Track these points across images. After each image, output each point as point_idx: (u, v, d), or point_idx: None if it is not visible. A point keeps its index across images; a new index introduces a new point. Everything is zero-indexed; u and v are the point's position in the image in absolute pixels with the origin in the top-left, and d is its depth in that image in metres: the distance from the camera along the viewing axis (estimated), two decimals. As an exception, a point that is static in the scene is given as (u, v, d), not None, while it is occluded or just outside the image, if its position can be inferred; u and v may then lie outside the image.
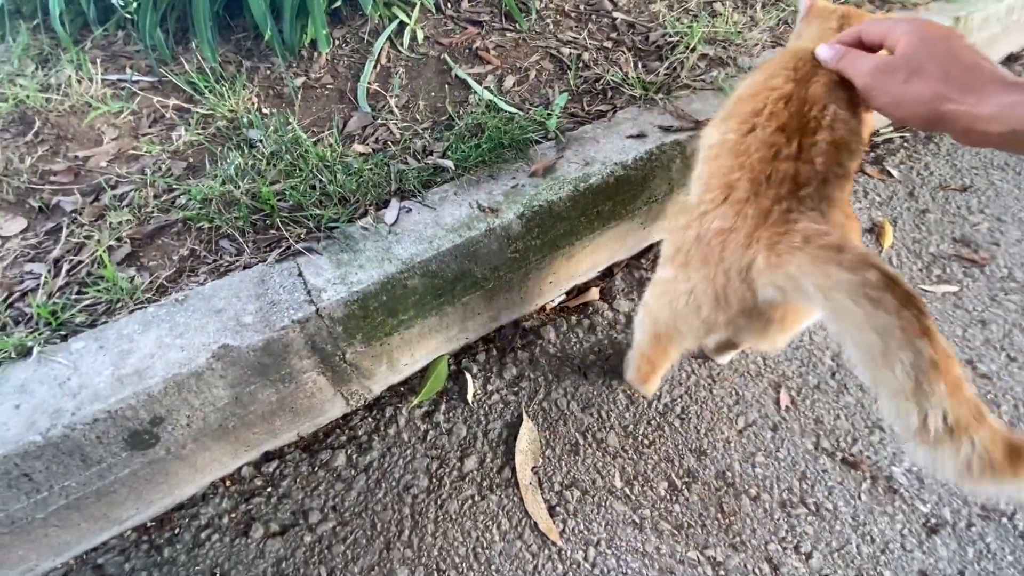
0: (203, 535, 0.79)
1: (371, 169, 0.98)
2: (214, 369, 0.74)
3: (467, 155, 0.99)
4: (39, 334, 0.76)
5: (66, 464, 0.69)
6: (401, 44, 1.27)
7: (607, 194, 1.00)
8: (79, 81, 1.17)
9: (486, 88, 1.17)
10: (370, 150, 1.05)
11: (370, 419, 0.92)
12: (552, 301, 1.10)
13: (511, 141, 1.02)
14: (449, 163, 0.98)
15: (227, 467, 0.85)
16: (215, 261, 0.87)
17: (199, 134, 1.07)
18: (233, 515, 0.81)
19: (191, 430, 0.76)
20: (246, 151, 1.02)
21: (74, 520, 0.75)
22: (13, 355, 0.74)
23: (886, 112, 0.52)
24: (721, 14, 1.33)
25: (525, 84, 1.20)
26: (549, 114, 1.08)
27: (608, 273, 1.14)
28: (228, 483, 0.84)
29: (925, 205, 1.27)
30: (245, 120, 1.09)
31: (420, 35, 1.28)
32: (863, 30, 0.55)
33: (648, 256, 1.18)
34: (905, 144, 1.45)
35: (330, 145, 1.03)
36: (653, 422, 0.91)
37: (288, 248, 0.86)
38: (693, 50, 1.22)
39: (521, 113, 1.09)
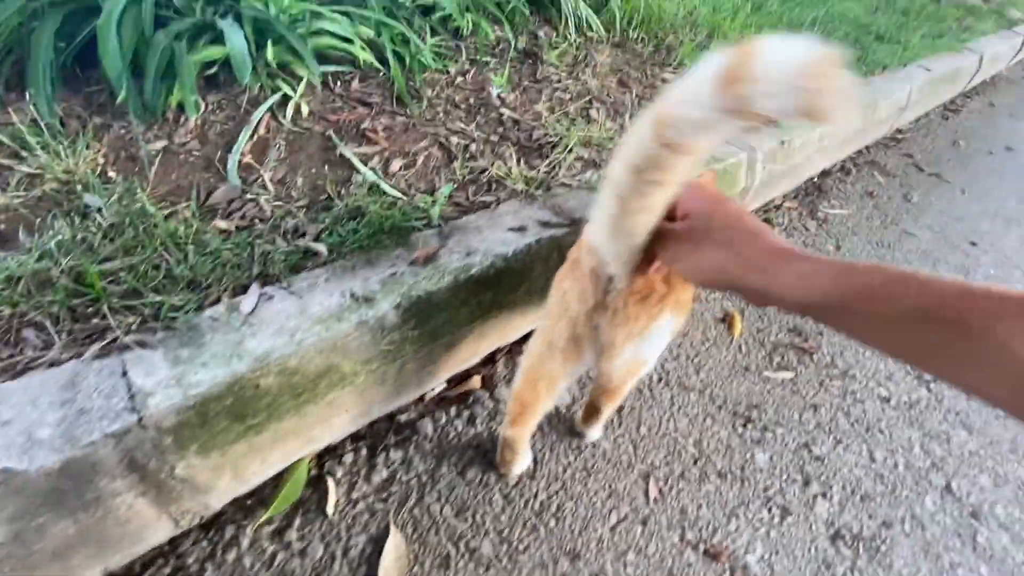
0: None
1: (232, 249, 0.90)
2: (-17, 501, 0.58)
3: (344, 239, 0.95)
4: None
5: None
6: (284, 116, 1.22)
7: (488, 284, 1.00)
8: None
9: (371, 169, 1.15)
10: (234, 227, 0.96)
11: (205, 542, 0.78)
12: (432, 390, 1.05)
13: (393, 227, 1.00)
14: (322, 247, 0.93)
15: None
16: (11, 356, 0.71)
17: (18, 197, 0.92)
18: None
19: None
20: (77, 221, 0.89)
21: None
22: None
23: (688, 278, 0.55)
24: (595, 120, 1.48)
25: (412, 169, 1.20)
26: (434, 201, 1.09)
27: (490, 360, 1.13)
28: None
29: (766, 297, 1.45)
30: (82, 185, 0.95)
31: (305, 109, 1.25)
32: None
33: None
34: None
35: (185, 219, 0.93)
36: (529, 523, 0.88)
37: (115, 341, 0.74)
38: (570, 151, 1.32)
39: (405, 198, 1.09)
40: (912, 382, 1.26)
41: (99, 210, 0.91)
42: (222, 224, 0.96)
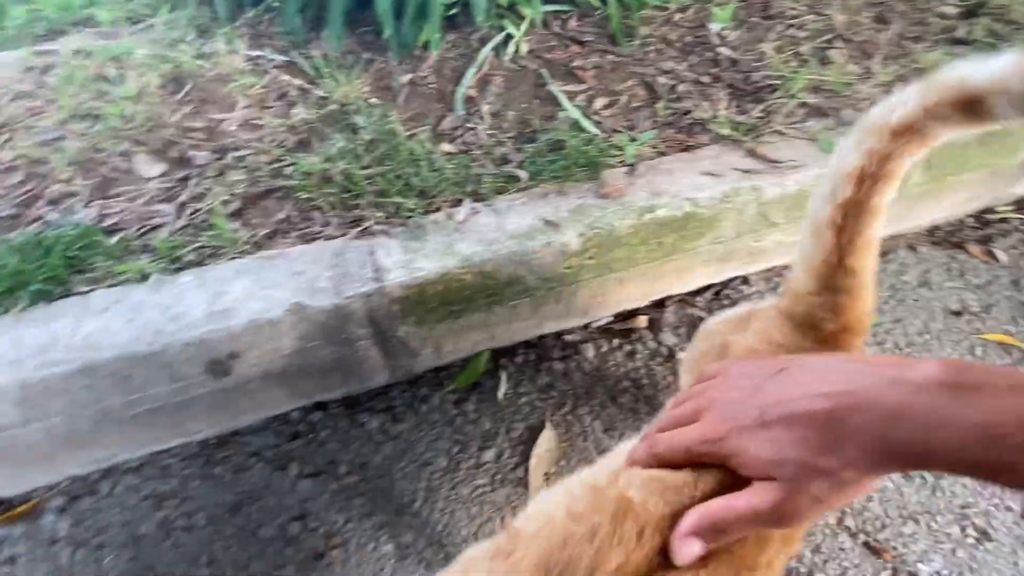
0: (250, 461, 0.91)
1: (453, 168, 1.06)
2: (286, 322, 0.85)
3: (542, 169, 1.05)
4: (157, 264, 0.91)
5: (158, 375, 0.83)
6: (504, 54, 1.34)
7: (672, 227, 1.01)
8: (226, 54, 1.36)
9: (576, 106, 1.21)
10: (456, 151, 1.13)
11: (408, 394, 1.00)
12: (598, 320, 1.12)
13: (588, 162, 1.06)
14: (524, 174, 1.03)
15: (280, 408, 0.96)
16: (304, 228, 0.98)
17: (313, 114, 1.21)
18: (277, 450, 0.92)
19: (258, 369, 0.87)
20: (349, 135, 1.14)
21: (156, 423, 0.89)
22: (135, 278, 0.89)
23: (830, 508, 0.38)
24: (833, 62, 1.29)
25: (614, 107, 1.23)
26: (632, 140, 1.10)
27: (660, 304, 1.15)
28: (278, 422, 0.95)
29: (1031, 297, 1.16)
30: (353, 107, 1.21)
31: (524, 48, 1.35)
32: None
33: (704, 295, 1.17)
34: (1021, 228, 1.32)
35: (421, 141, 1.12)
36: (672, 458, 0.92)
37: (366, 228, 0.96)
38: (793, 96, 1.19)
39: (603, 135, 1.13)
40: None
41: (363, 128, 1.16)
42: (447, 147, 1.14)
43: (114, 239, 0.96)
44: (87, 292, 0.87)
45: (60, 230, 0.97)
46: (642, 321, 1.11)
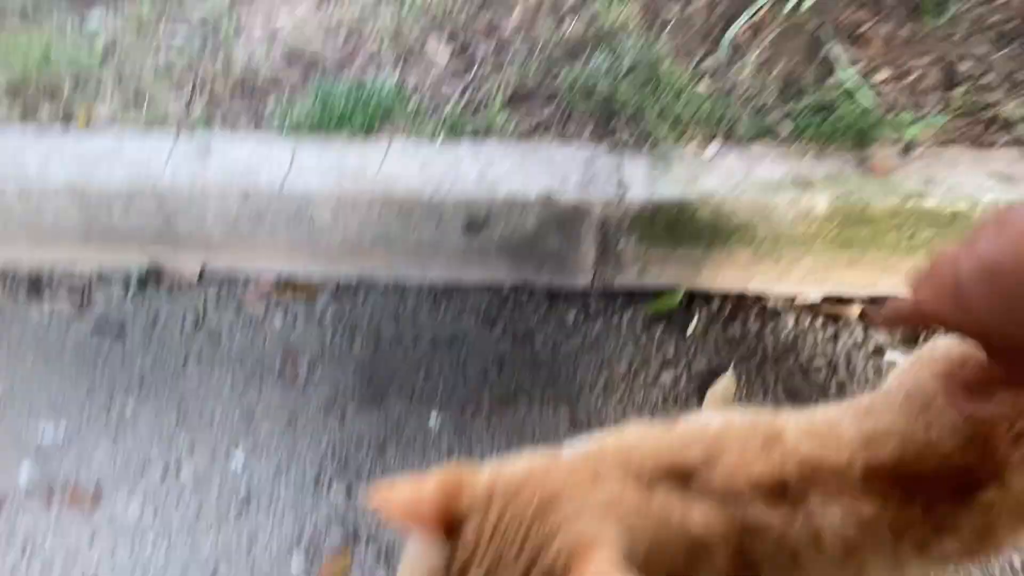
0: (467, 310, 1.09)
1: (709, 107, 1.08)
2: (535, 205, 0.97)
3: (803, 128, 1.02)
4: (442, 131, 1.09)
5: (428, 219, 1.02)
6: (784, 7, 1.27)
7: (936, 222, 0.93)
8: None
9: (854, 73, 1.13)
10: (714, 90, 1.13)
11: (602, 303, 1.10)
12: (807, 295, 1.10)
13: (857, 131, 1.00)
14: (785, 128, 1.02)
15: (500, 277, 1.11)
16: (562, 130, 1.09)
17: (585, 30, 1.28)
18: (489, 309, 1.09)
19: (500, 238, 1.02)
20: (613, 56, 1.20)
21: (412, 256, 1.09)
22: (426, 137, 1.08)
23: None
24: None
25: (900, 82, 1.12)
26: (913, 121, 1.01)
27: (880, 300, 1.09)
28: (494, 288, 1.11)
29: None
30: (622, 30, 1.26)
31: (807, 2, 1.27)
32: None
33: (935, 306, 1.07)
34: None
35: (681, 74, 1.14)
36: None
37: (617, 144, 1.04)
38: None
39: (881, 110, 1.05)
40: None
41: (627, 51, 1.21)
42: (706, 85, 1.15)
43: (411, 103, 1.16)
44: (391, 138, 1.08)
45: (373, 85, 1.19)
46: (854, 310, 1.06)
